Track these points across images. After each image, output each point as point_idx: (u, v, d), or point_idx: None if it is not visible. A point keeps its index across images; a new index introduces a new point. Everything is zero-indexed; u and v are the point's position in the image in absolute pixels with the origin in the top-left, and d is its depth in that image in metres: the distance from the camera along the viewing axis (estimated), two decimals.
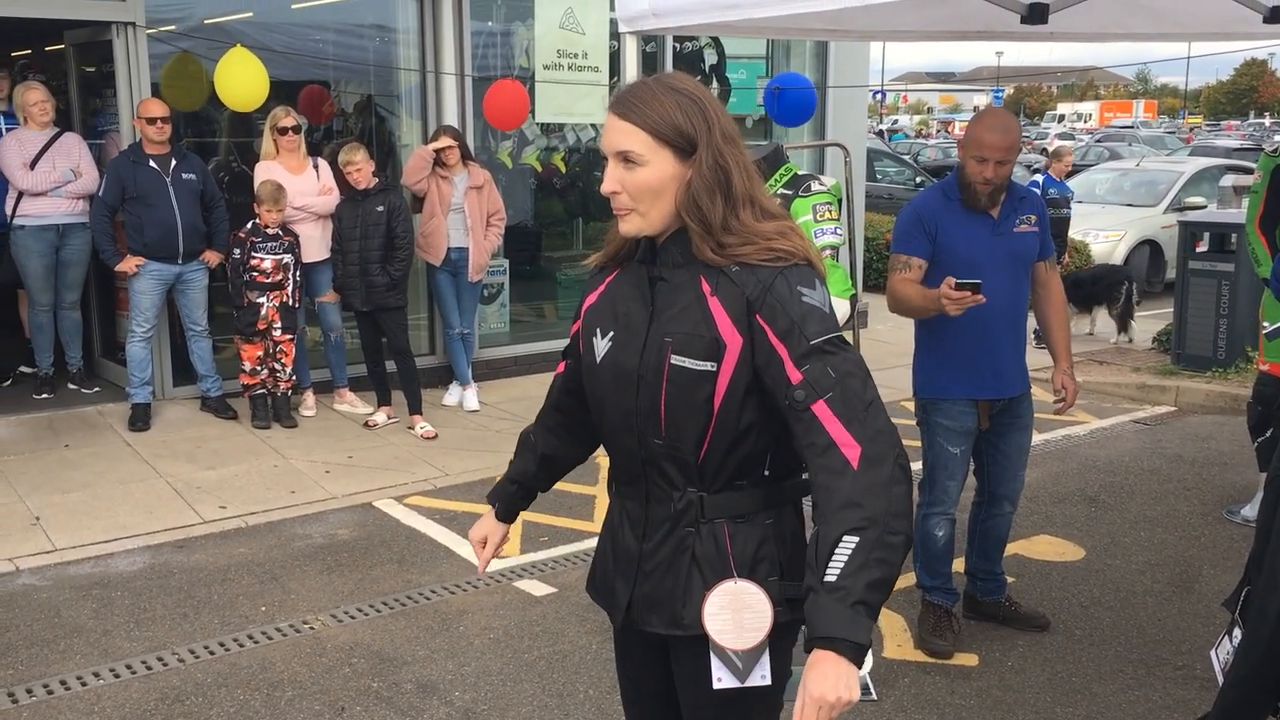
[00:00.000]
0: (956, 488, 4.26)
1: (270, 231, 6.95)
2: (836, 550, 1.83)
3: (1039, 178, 10.31)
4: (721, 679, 2.03)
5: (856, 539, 1.83)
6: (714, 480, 2.05)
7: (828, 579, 1.83)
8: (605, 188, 2.03)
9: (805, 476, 2.06)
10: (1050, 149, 14.90)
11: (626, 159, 1.99)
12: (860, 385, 1.92)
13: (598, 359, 2.14)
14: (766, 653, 2.04)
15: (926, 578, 4.39)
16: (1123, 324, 9.99)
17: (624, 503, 2.19)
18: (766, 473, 2.07)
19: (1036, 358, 9.43)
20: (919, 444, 4.22)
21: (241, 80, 6.81)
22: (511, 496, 2.46)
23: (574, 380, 2.31)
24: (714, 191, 1.97)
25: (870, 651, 4.18)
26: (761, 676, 2.04)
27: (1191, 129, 50.16)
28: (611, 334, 2.11)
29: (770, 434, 2.04)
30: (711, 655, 2.03)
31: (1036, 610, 4.59)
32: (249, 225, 6.98)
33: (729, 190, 1.98)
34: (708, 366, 1.98)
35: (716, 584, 2.03)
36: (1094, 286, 10.15)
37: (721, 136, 1.99)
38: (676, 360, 1.99)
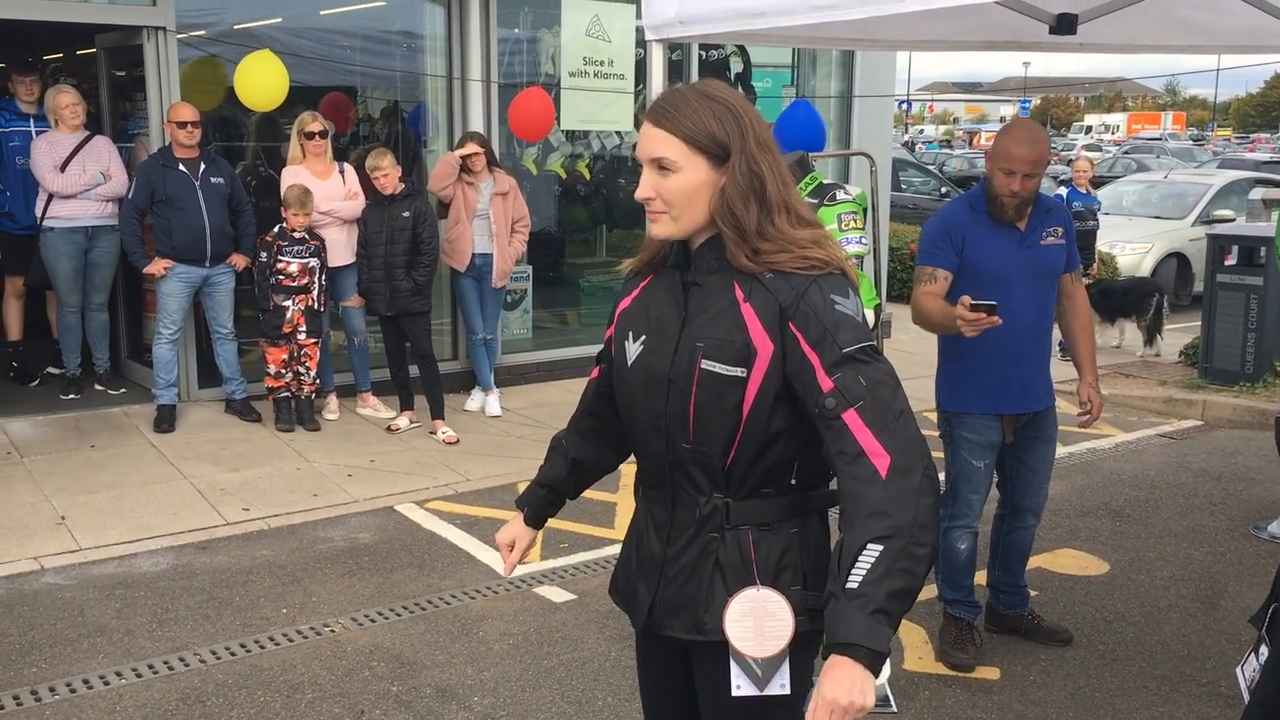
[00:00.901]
0: (980, 501, 4.24)
1: (296, 235, 6.99)
2: (860, 557, 1.84)
3: (1063, 190, 10.25)
4: (740, 686, 2.03)
5: (881, 547, 1.83)
6: (740, 486, 2.05)
7: (849, 585, 1.83)
8: (640, 194, 2.05)
9: (833, 487, 2.06)
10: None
11: (661, 165, 2.00)
12: (891, 395, 1.92)
13: (629, 363, 2.15)
14: (787, 662, 2.04)
15: (948, 590, 4.36)
16: (1151, 337, 9.91)
17: (650, 507, 2.19)
18: (793, 481, 2.07)
19: (1061, 370, 9.39)
20: (942, 455, 4.20)
21: (259, 79, 6.85)
22: (541, 501, 2.47)
23: (606, 385, 2.31)
24: (748, 198, 1.98)
25: (889, 662, 4.16)
26: (781, 685, 2.03)
27: (1199, 140, 49.75)
28: (644, 338, 2.12)
29: (799, 442, 2.04)
30: (731, 662, 2.03)
31: (1059, 625, 4.56)
32: (275, 229, 7.02)
33: (764, 196, 1.99)
34: (738, 372, 1.98)
35: (739, 591, 2.03)
36: (1124, 298, 10.08)
37: (756, 144, 2.00)
38: (707, 365, 2.00)
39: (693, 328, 2.04)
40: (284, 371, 7.14)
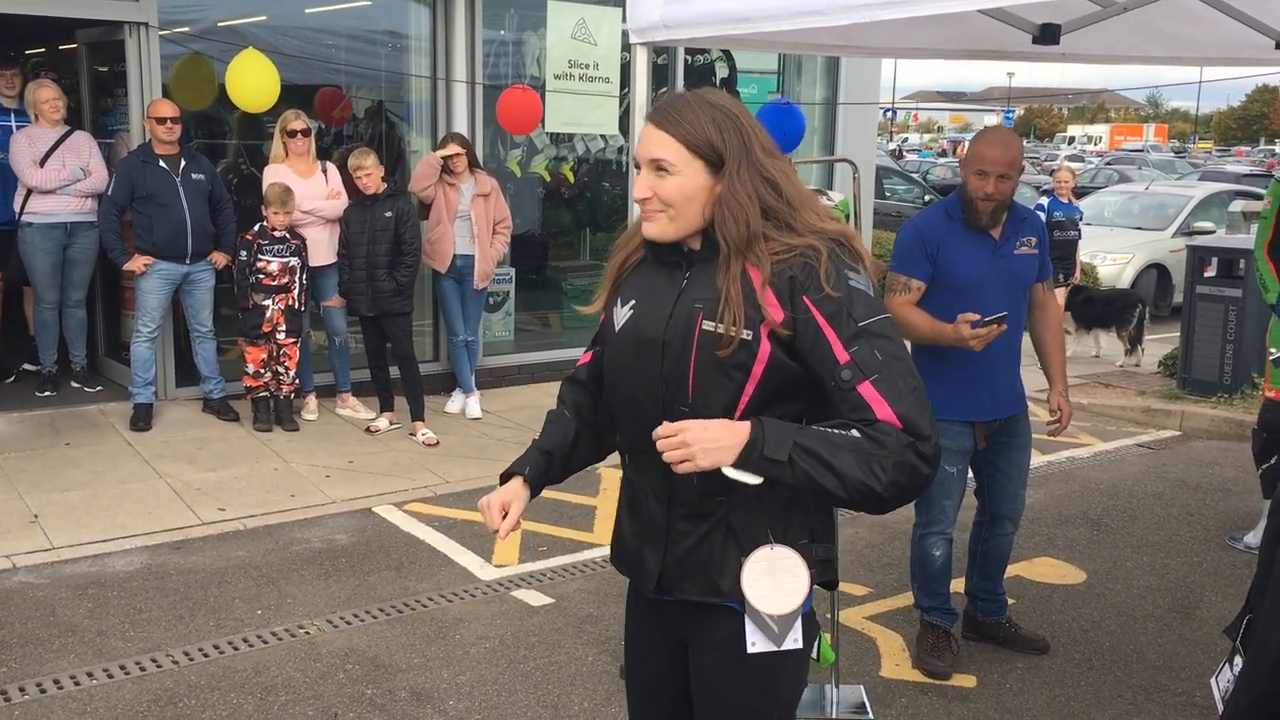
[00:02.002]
0: (954, 507, 4.25)
1: (277, 234, 6.95)
2: (841, 428, 1.94)
3: (1044, 200, 10.30)
4: (755, 644, 2.09)
5: (858, 437, 1.92)
6: None
7: (811, 426, 1.97)
8: (637, 194, 2.09)
9: None
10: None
11: (659, 167, 2.04)
12: (907, 369, 1.98)
13: (616, 327, 2.18)
14: (800, 617, 2.09)
15: (925, 598, 4.37)
16: (1132, 347, 9.97)
17: (642, 476, 2.19)
18: None
19: (1038, 378, 9.42)
20: None
21: (253, 81, 6.82)
22: (541, 467, 2.35)
23: (598, 367, 2.34)
24: (753, 203, 2.02)
25: (861, 683, 4.16)
26: (794, 640, 2.09)
27: (1180, 152, 50.13)
28: (633, 302, 2.16)
29: (801, 408, 2.07)
30: (747, 620, 2.08)
31: (1036, 633, 4.56)
32: (256, 227, 6.98)
33: (781, 194, 2.04)
34: (744, 334, 2.01)
35: (753, 550, 2.07)
36: (1107, 308, 10.13)
37: (762, 150, 2.05)
38: (709, 325, 2.03)
39: (692, 289, 2.08)
40: (263, 371, 7.09)
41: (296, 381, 7.25)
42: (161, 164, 6.87)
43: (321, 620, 4.61)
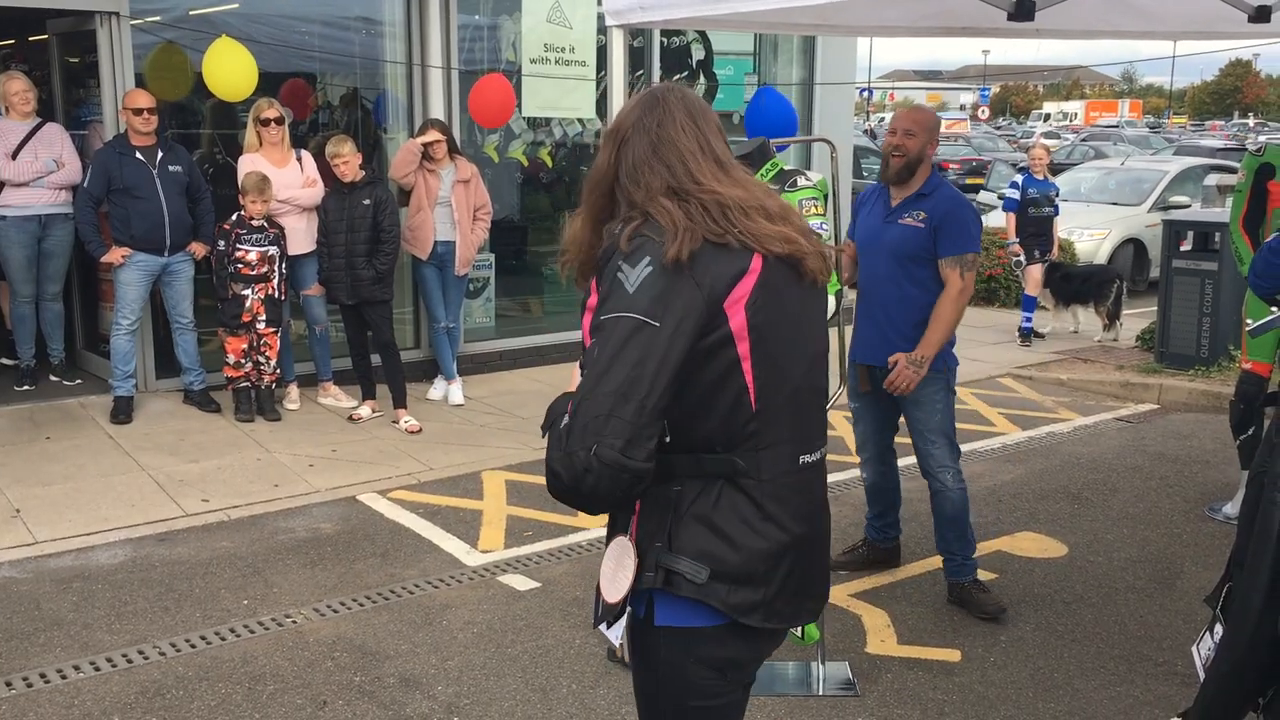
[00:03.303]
0: (861, 434, 4.88)
1: (255, 223, 6.91)
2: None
3: (1019, 178, 10.33)
4: (595, 619, 2.17)
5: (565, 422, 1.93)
6: None
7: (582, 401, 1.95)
8: None
9: (737, 460, 2.06)
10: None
11: None
12: (595, 376, 1.91)
13: None
14: (623, 620, 2.10)
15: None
16: (1110, 322, 10.03)
17: None
18: (667, 439, 2.02)
19: (1019, 355, 9.49)
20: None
21: (230, 69, 6.78)
22: None
23: None
24: (601, 174, 2.17)
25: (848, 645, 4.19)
26: (615, 636, 2.13)
27: (1155, 127, 50.36)
28: None
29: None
30: (596, 595, 2.16)
31: (994, 601, 4.64)
32: (234, 217, 6.94)
33: (621, 170, 2.14)
34: (582, 319, 2.08)
35: (619, 536, 2.12)
36: (1084, 284, 10.19)
37: (638, 130, 2.15)
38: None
39: None
40: (243, 361, 7.07)
41: (278, 371, 7.23)
42: (138, 155, 6.82)
43: (308, 609, 4.61)
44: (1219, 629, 2.97)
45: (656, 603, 2.07)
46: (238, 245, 6.90)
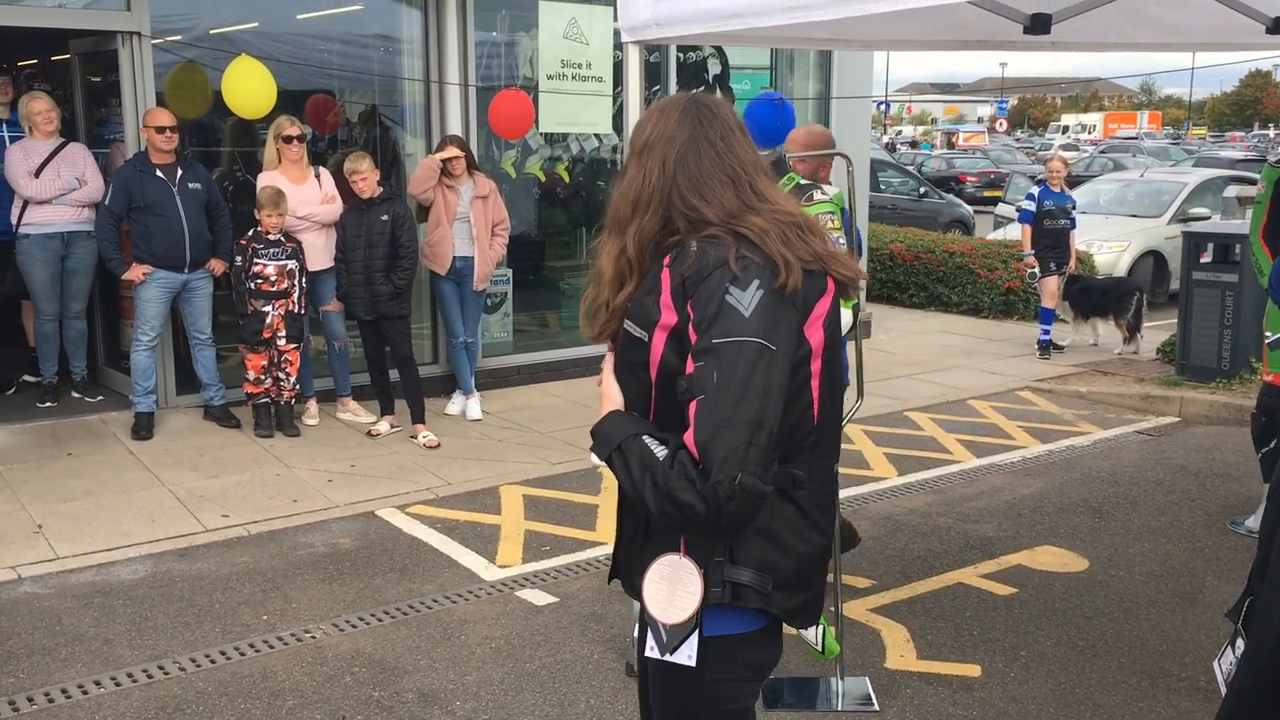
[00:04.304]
0: None
1: (271, 237, 6.96)
2: (660, 443, 1.94)
3: (1036, 189, 10.31)
4: (653, 649, 2.09)
5: (659, 454, 1.92)
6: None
7: (645, 436, 1.98)
8: None
9: (797, 471, 2.07)
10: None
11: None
12: (733, 401, 1.88)
13: None
14: (696, 635, 2.06)
15: None
16: (1131, 335, 9.98)
17: None
18: None
19: (1037, 367, 9.45)
20: None
21: (250, 87, 6.84)
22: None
23: None
24: (640, 186, 2.10)
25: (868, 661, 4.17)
26: (688, 657, 2.07)
27: (1175, 139, 50.12)
28: None
29: None
30: (649, 624, 2.09)
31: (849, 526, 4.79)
32: (250, 232, 6.99)
33: (687, 186, 2.08)
34: (642, 335, 2.04)
35: (663, 555, 2.07)
36: (1104, 297, 10.14)
37: (689, 144, 2.11)
38: (627, 325, 2.07)
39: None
40: (263, 378, 7.10)
41: (297, 387, 7.26)
42: (159, 173, 6.88)
43: (327, 624, 4.62)
44: (1240, 643, 2.95)
45: (705, 615, 2.08)
46: (255, 259, 6.94)
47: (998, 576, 5.13)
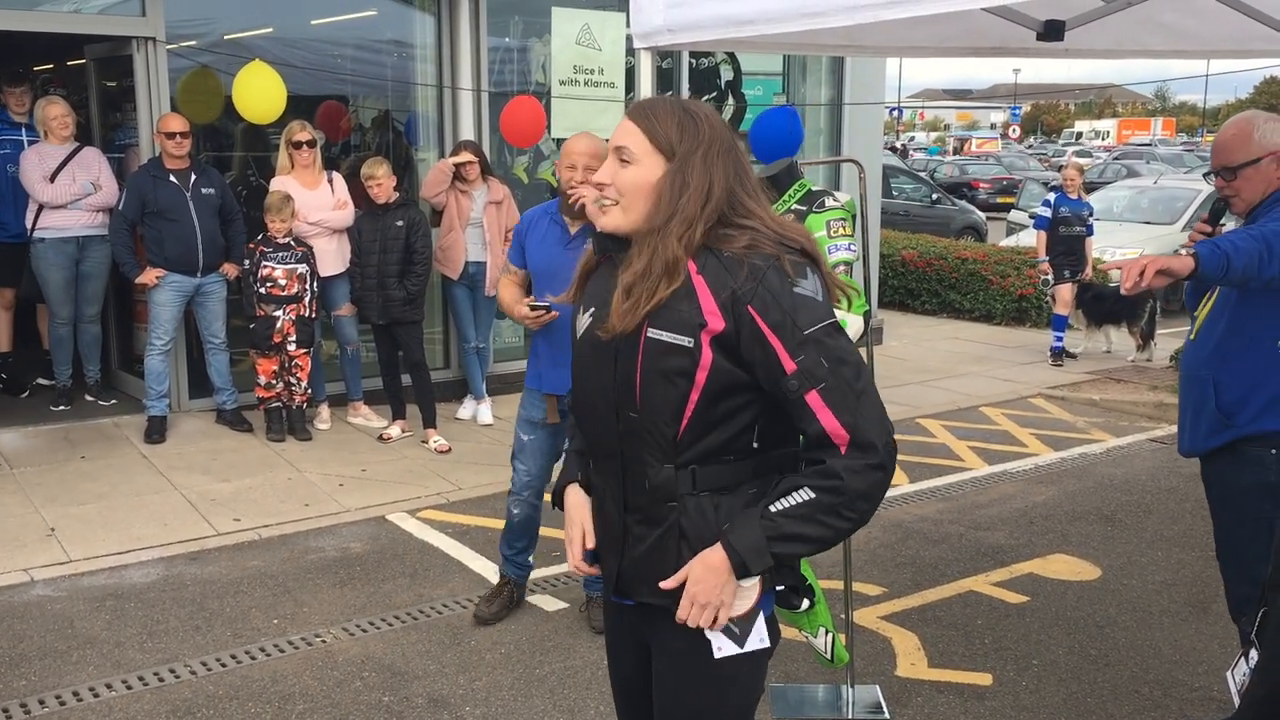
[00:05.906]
0: (527, 472, 4.60)
1: (280, 241, 6.98)
2: (795, 494, 1.98)
3: (1051, 196, 10.28)
4: (722, 649, 2.10)
5: (815, 496, 1.96)
6: (696, 455, 2.07)
7: (770, 507, 1.98)
8: (596, 177, 2.13)
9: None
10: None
11: (622, 156, 2.09)
12: (853, 374, 1.99)
13: (578, 334, 2.22)
14: (761, 617, 2.11)
15: (503, 547, 4.78)
16: (1145, 342, 9.94)
17: (602, 479, 2.23)
18: (755, 445, 2.09)
19: (1050, 375, 9.42)
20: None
21: (259, 93, 6.86)
22: (585, 464, 2.34)
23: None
24: (696, 194, 2.04)
25: (879, 670, 4.16)
26: (760, 640, 2.12)
27: (1187, 145, 49.90)
28: (592, 309, 2.19)
29: (756, 410, 2.07)
30: (707, 629, 2.09)
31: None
32: (259, 236, 7.02)
33: (730, 196, 2.08)
34: (685, 341, 2.02)
35: (700, 553, 2.07)
36: (1118, 304, 10.09)
37: (720, 152, 2.08)
38: (654, 333, 2.04)
39: None
40: (274, 382, 7.12)
41: (309, 391, 7.28)
42: (172, 178, 6.90)
43: (337, 628, 4.62)
44: (1254, 654, 2.93)
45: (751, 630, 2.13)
46: (263, 263, 6.95)
47: (1009, 584, 5.11)
